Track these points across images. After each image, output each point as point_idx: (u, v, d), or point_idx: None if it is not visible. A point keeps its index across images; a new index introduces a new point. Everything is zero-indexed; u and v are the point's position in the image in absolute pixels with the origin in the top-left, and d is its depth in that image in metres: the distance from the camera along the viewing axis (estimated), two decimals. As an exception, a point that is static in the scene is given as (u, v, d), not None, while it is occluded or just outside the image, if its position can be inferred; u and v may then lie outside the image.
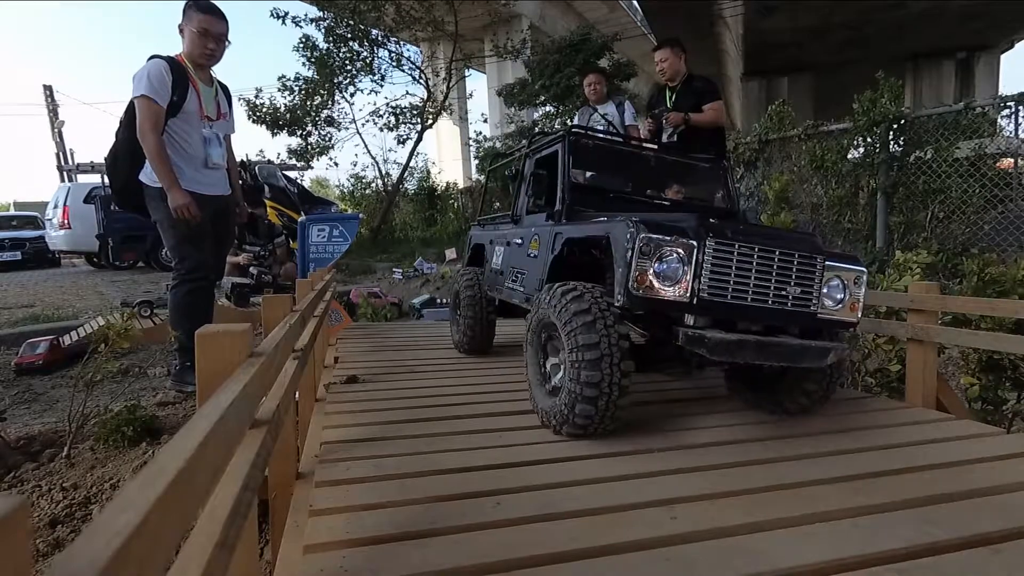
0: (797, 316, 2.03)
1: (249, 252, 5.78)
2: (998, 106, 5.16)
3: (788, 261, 1.99)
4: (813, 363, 2.00)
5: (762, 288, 1.97)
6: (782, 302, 2.00)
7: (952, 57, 16.12)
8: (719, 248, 1.92)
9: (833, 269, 2.06)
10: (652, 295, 1.90)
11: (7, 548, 0.32)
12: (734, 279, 1.94)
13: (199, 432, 0.61)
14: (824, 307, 2.06)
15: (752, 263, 1.95)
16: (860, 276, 2.11)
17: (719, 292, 1.93)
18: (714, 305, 1.93)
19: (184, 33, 3.06)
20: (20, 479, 2.64)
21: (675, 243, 1.89)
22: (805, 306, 2.03)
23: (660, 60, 4.31)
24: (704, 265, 1.91)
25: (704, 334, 1.89)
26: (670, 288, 1.90)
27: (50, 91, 20.12)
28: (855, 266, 2.11)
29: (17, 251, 12.15)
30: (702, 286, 1.90)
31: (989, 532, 1.36)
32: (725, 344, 1.87)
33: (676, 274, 1.90)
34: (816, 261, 2.03)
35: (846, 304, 2.09)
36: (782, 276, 1.99)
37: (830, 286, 2.07)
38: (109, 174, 3.27)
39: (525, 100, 12.00)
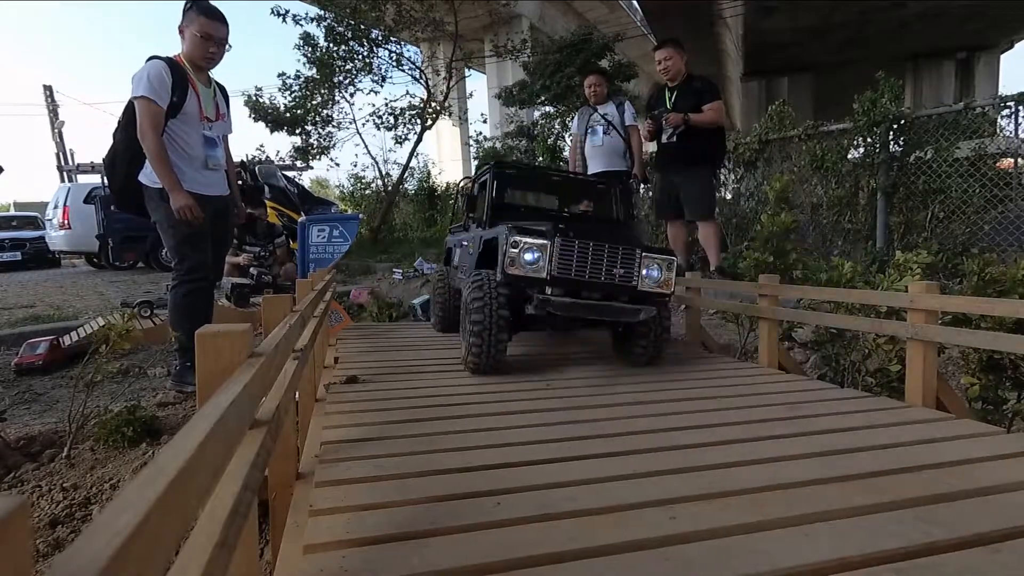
0: (624, 288, 2.94)
1: (249, 252, 5.77)
2: (998, 106, 5.16)
3: (614, 252, 2.91)
4: (629, 319, 2.93)
5: (596, 269, 2.89)
6: (611, 279, 2.91)
7: (952, 57, 16.13)
8: (563, 244, 2.86)
9: (651, 258, 2.98)
10: (518, 273, 2.87)
11: (7, 548, 0.32)
12: (576, 263, 2.87)
13: (199, 432, 0.61)
14: (644, 284, 2.95)
15: (588, 253, 2.88)
16: (671, 263, 3.03)
17: (565, 271, 2.86)
18: (562, 280, 2.87)
19: (184, 35, 3.06)
20: (20, 479, 2.64)
21: (533, 241, 2.85)
22: (628, 282, 2.94)
23: (663, 59, 4.30)
24: (554, 254, 2.84)
25: (550, 297, 2.84)
26: (533, 269, 2.85)
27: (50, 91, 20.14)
28: (667, 256, 3.04)
29: (17, 251, 12.16)
30: (553, 268, 2.85)
31: (989, 532, 1.36)
32: (564, 304, 2.84)
33: (536, 260, 2.85)
34: (635, 252, 2.94)
35: (661, 282, 3.00)
36: (611, 262, 2.90)
37: (648, 269, 2.96)
38: (108, 175, 3.27)
39: (525, 100, 12.00)
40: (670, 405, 2.45)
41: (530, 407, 2.41)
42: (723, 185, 6.98)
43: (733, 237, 6.54)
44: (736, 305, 3.84)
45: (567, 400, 2.51)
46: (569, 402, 2.48)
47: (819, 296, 3.25)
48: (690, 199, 4.36)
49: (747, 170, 6.73)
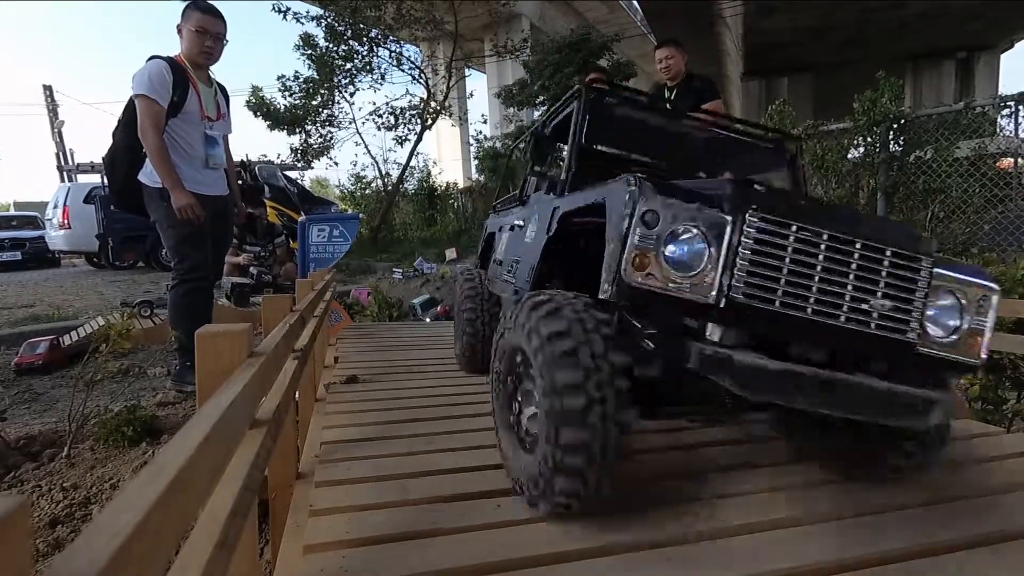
0: (886, 344, 1.37)
1: (249, 252, 5.78)
2: (998, 106, 5.16)
3: (876, 260, 1.36)
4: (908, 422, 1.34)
5: (833, 295, 1.34)
6: (863, 321, 1.36)
7: (952, 57, 16.14)
8: (766, 228, 1.31)
9: (946, 280, 1.41)
10: (656, 287, 1.29)
11: (7, 548, 0.32)
12: (787, 276, 1.32)
13: (199, 432, 0.61)
14: (928, 336, 1.41)
15: (818, 256, 1.33)
16: (988, 296, 1.43)
17: (763, 294, 1.32)
18: (754, 312, 1.31)
19: (183, 33, 3.07)
20: (20, 479, 2.64)
21: (697, 214, 1.30)
22: (900, 331, 1.38)
23: (664, 58, 4.31)
24: (741, 251, 1.30)
25: (733, 356, 1.26)
26: (686, 282, 1.30)
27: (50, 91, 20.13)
28: (981, 280, 1.44)
29: (17, 251, 12.15)
30: (736, 283, 1.30)
31: (989, 532, 1.36)
32: (765, 375, 1.25)
33: (695, 261, 1.30)
34: (920, 264, 1.39)
35: (963, 335, 1.42)
36: (865, 280, 1.35)
37: (940, 305, 1.41)
38: (107, 174, 3.27)
39: (524, 101, 12.01)
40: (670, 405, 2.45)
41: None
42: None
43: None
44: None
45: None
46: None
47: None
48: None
49: (747, 170, 6.73)
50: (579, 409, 1.25)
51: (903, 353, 1.39)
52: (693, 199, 1.32)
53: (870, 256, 1.36)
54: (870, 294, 1.36)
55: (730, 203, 1.31)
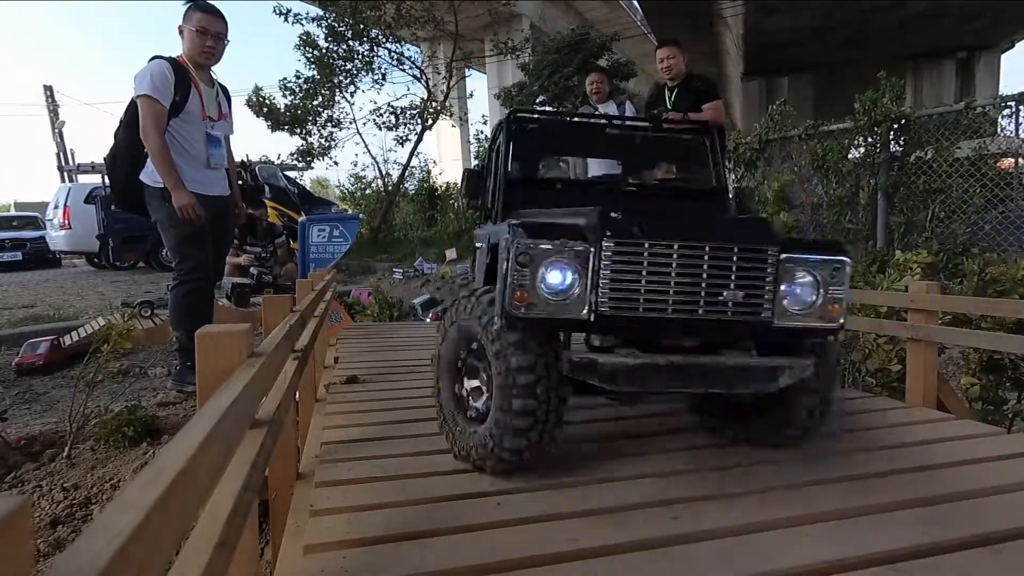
0: (744, 326, 1.62)
1: (250, 253, 5.77)
2: (999, 106, 5.16)
3: (724, 257, 1.58)
4: (759, 388, 1.60)
5: (688, 294, 1.57)
6: (719, 310, 1.58)
7: (952, 57, 16.12)
8: (622, 250, 1.54)
9: (798, 262, 1.62)
10: (537, 315, 1.53)
11: (8, 548, 0.32)
12: (646, 286, 1.55)
13: (199, 433, 0.61)
14: (786, 312, 1.63)
15: (671, 264, 1.56)
16: (839, 268, 1.64)
17: (627, 305, 1.55)
18: (620, 321, 1.57)
19: (183, 33, 3.07)
20: (21, 479, 2.64)
21: (563, 248, 1.53)
22: (755, 313, 1.60)
23: (665, 58, 4.30)
24: (602, 272, 1.54)
25: (596, 359, 1.55)
26: (562, 305, 1.55)
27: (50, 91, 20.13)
28: (832, 255, 1.64)
29: (18, 251, 12.16)
30: (602, 299, 1.54)
31: (989, 532, 1.36)
32: (624, 370, 1.54)
33: (568, 287, 1.55)
34: (766, 254, 1.60)
35: (821, 305, 1.63)
36: (717, 277, 1.58)
37: (795, 284, 1.63)
38: (109, 174, 3.27)
39: (523, 101, 12.00)
40: (668, 406, 2.45)
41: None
42: (723, 185, 6.97)
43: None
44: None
45: (567, 400, 2.50)
46: (569, 402, 2.47)
47: (819, 296, 3.24)
48: (690, 199, 4.35)
49: (747, 170, 6.73)
50: (530, 383, 1.55)
51: (761, 331, 1.64)
52: (560, 235, 1.56)
53: (719, 255, 1.58)
54: (723, 287, 1.59)
55: (591, 234, 1.56)
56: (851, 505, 1.49)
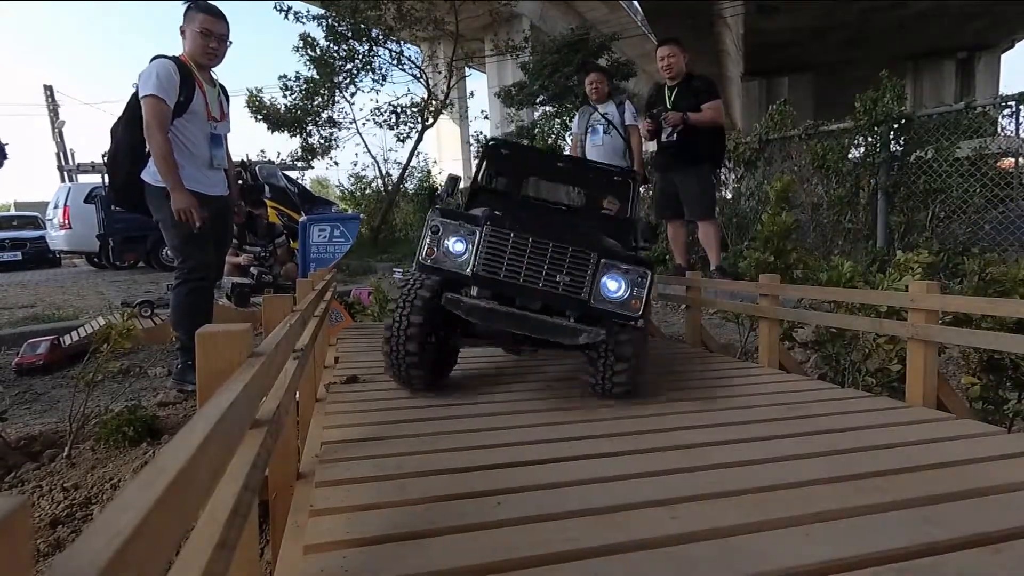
0: (568, 301, 2.34)
1: (250, 252, 5.77)
2: (999, 106, 5.16)
3: (561, 252, 2.32)
4: (564, 339, 2.30)
5: (534, 272, 2.31)
6: (554, 287, 2.31)
7: (953, 57, 16.12)
8: (495, 235, 2.33)
9: (613, 266, 2.35)
10: (437, 265, 2.37)
11: (7, 548, 0.32)
12: (509, 261, 2.31)
13: (199, 433, 0.61)
14: (599, 298, 2.33)
15: (525, 250, 2.31)
16: (642, 277, 2.37)
17: (494, 271, 2.32)
18: (489, 280, 2.32)
19: (186, 34, 3.07)
20: (21, 479, 2.64)
21: (459, 227, 2.35)
22: (576, 294, 2.32)
23: (665, 56, 4.30)
24: (482, 247, 2.32)
25: (461, 298, 2.29)
26: (459, 263, 2.35)
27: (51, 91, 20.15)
28: (638, 267, 2.38)
29: (18, 251, 12.17)
30: (478, 264, 2.32)
31: (989, 532, 1.36)
32: (478, 309, 2.27)
33: (464, 252, 2.34)
34: (589, 256, 2.33)
35: (627, 300, 2.36)
36: (555, 264, 2.31)
37: (608, 280, 2.34)
38: (109, 172, 3.27)
39: (523, 101, 12.01)
40: (671, 405, 2.45)
41: (531, 407, 2.40)
42: (723, 185, 6.98)
43: (733, 237, 6.54)
44: (736, 305, 3.83)
45: (568, 400, 2.51)
46: (570, 402, 2.48)
47: (819, 296, 3.25)
48: (690, 199, 4.36)
49: (747, 170, 6.74)
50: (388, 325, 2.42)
51: (580, 307, 2.36)
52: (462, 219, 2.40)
53: (558, 251, 2.33)
54: (559, 272, 2.32)
55: (479, 222, 2.36)
56: (850, 504, 1.49)
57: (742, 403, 2.48)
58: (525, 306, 2.34)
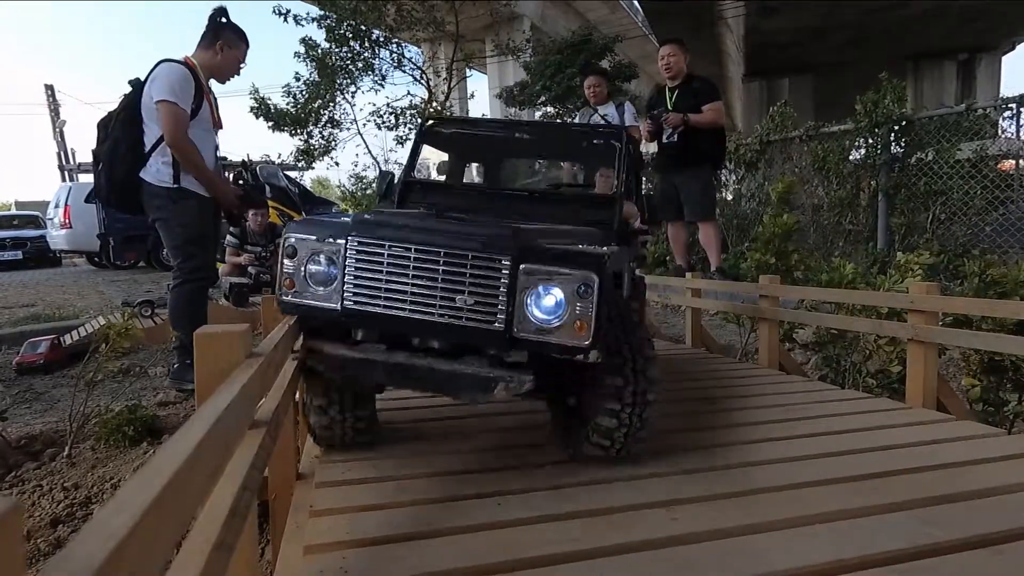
0: (477, 333, 1.54)
1: (251, 252, 5.78)
2: (999, 107, 5.15)
3: (459, 263, 1.54)
4: (472, 395, 1.59)
5: (426, 297, 1.55)
6: (455, 315, 1.54)
7: (953, 58, 16.12)
8: (364, 248, 1.58)
9: (541, 274, 1.52)
10: (300, 301, 1.62)
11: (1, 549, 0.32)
12: (386, 283, 1.56)
13: (196, 433, 0.61)
14: (528, 324, 1.52)
15: (409, 266, 1.56)
16: (586, 284, 1.49)
17: (370, 300, 1.57)
18: (364, 316, 1.59)
19: (222, 51, 3.12)
20: (21, 478, 2.64)
21: (318, 243, 1.62)
22: (488, 321, 1.52)
23: (666, 55, 4.30)
24: (347, 267, 1.58)
25: (323, 348, 1.62)
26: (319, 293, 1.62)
27: (51, 91, 20.17)
28: (576, 270, 1.51)
29: (18, 250, 12.18)
30: (347, 291, 1.58)
31: (990, 533, 1.35)
32: (345, 361, 1.59)
33: (323, 277, 1.62)
34: (498, 263, 1.52)
35: (565, 322, 1.51)
36: (452, 282, 1.54)
37: (535, 295, 1.52)
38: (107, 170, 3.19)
39: (525, 101, 12.00)
40: (671, 406, 2.45)
41: (532, 407, 2.40)
42: (724, 186, 6.98)
43: (734, 238, 6.54)
44: (737, 306, 3.83)
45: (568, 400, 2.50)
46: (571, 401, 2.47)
47: (820, 297, 3.24)
48: (690, 200, 4.36)
49: (748, 171, 6.73)
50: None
51: (497, 340, 1.54)
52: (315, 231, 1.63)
53: (454, 260, 1.54)
54: (458, 292, 1.53)
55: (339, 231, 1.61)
56: (851, 506, 1.48)
57: (742, 404, 2.48)
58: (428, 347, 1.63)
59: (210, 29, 3.12)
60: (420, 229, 1.62)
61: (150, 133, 3.00)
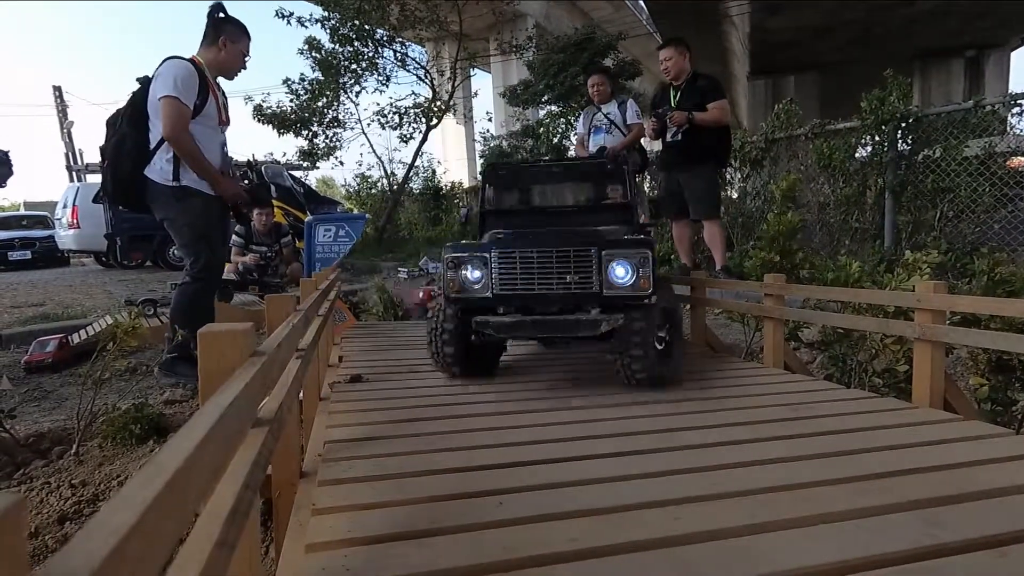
0: (584, 296, 2.56)
1: (256, 252, 5.80)
2: (1008, 104, 5.11)
3: (564, 256, 2.55)
4: (587, 332, 2.53)
5: (546, 279, 2.57)
6: (566, 287, 2.56)
7: (961, 55, 15.96)
8: (502, 257, 2.60)
9: (615, 256, 2.53)
10: (463, 295, 2.65)
11: (4, 546, 0.32)
12: (521, 276, 2.58)
13: (199, 431, 0.62)
14: (610, 287, 2.53)
15: (533, 262, 2.57)
16: (643, 258, 2.53)
17: (509, 287, 2.59)
18: (508, 297, 2.60)
19: (226, 47, 3.12)
20: (29, 476, 2.66)
21: (471, 258, 2.62)
22: (588, 288, 2.55)
23: (664, 59, 4.30)
24: (494, 269, 2.59)
25: (488, 319, 2.60)
26: (477, 288, 2.63)
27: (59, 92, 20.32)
28: (638, 249, 2.57)
29: (27, 250, 12.27)
30: (495, 285, 2.60)
31: (996, 534, 1.34)
32: (504, 325, 2.59)
33: (478, 278, 2.62)
34: (590, 252, 2.54)
35: (635, 281, 2.53)
36: (562, 267, 2.55)
37: (614, 268, 2.53)
38: (112, 167, 3.18)
39: (528, 100, 11.98)
40: (674, 405, 2.44)
41: (533, 407, 2.40)
42: (729, 184, 6.96)
43: (739, 236, 6.52)
44: (742, 304, 3.81)
45: (571, 400, 2.50)
46: (573, 402, 2.47)
47: (826, 296, 3.23)
48: (695, 198, 4.34)
49: (753, 169, 6.70)
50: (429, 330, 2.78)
51: (595, 298, 2.58)
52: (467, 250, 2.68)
53: (562, 254, 2.57)
54: (568, 273, 2.57)
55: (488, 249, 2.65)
56: (856, 506, 1.48)
57: (747, 403, 2.47)
58: (545, 311, 2.60)
59: (210, 26, 3.12)
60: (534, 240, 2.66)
61: (155, 131, 3.01)
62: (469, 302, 2.65)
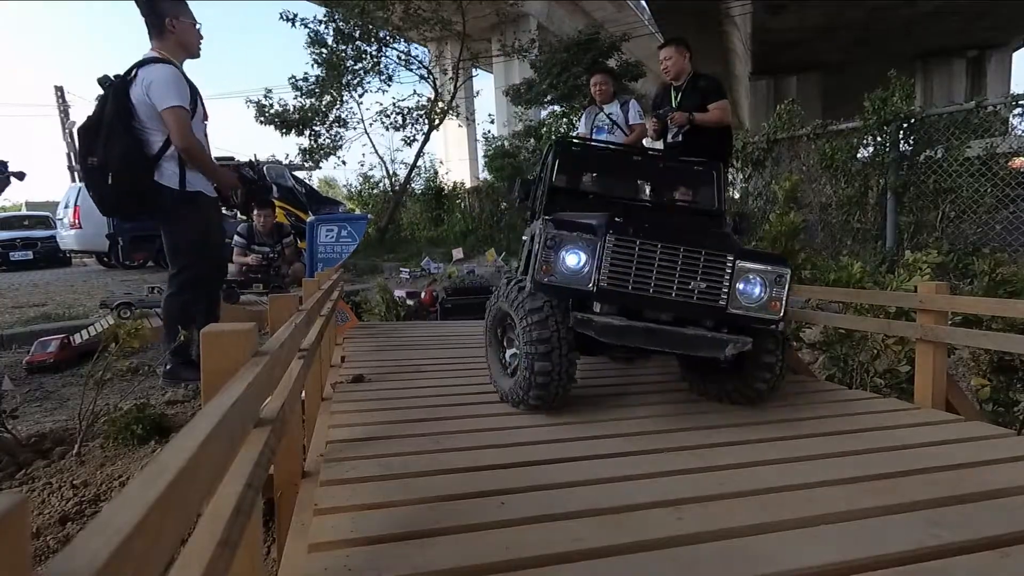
0: (704, 310, 2.13)
1: (258, 253, 5.80)
2: (1010, 104, 5.10)
3: (694, 258, 2.11)
4: (709, 353, 2.12)
5: (666, 281, 2.10)
6: (687, 296, 2.11)
7: (963, 55, 15.94)
8: (619, 244, 2.09)
9: (749, 268, 2.14)
10: (556, 283, 2.11)
11: (6, 546, 0.32)
12: (636, 271, 2.09)
13: (201, 431, 0.62)
14: (738, 304, 2.13)
15: (654, 258, 2.09)
16: (781, 276, 2.16)
17: (620, 283, 2.09)
18: (615, 295, 2.10)
19: (176, 27, 2.92)
20: (31, 476, 2.67)
21: (577, 238, 2.11)
22: (714, 300, 2.12)
23: (664, 58, 4.30)
24: (605, 258, 2.08)
25: (592, 318, 2.09)
26: (576, 278, 2.11)
27: (61, 92, 20.36)
28: (776, 266, 2.17)
29: (29, 251, 12.30)
30: (602, 277, 2.08)
31: (998, 535, 1.34)
32: (611, 328, 2.07)
33: (582, 265, 2.10)
34: (725, 259, 2.12)
35: (765, 302, 2.16)
36: (688, 271, 2.10)
37: (745, 283, 2.14)
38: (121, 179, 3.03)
39: (531, 100, 12.00)
40: (676, 406, 2.44)
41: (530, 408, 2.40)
42: (731, 184, 6.95)
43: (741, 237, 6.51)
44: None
45: (573, 400, 2.50)
46: (575, 402, 2.47)
47: (828, 296, 3.22)
48: (697, 198, 4.34)
49: (755, 169, 6.70)
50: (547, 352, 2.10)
51: (718, 314, 2.14)
52: (578, 229, 2.12)
53: (690, 255, 2.11)
54: (692, 279, 2.11)
55: (601, 227, 2.11)
56: (858, 507, 1.47)
57: (748, 404, 2.47)
58: (656, 318, 2.14)
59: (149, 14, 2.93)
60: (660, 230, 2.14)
61: (153, 137, 2.94)
62: (560, 292, 2.13)
